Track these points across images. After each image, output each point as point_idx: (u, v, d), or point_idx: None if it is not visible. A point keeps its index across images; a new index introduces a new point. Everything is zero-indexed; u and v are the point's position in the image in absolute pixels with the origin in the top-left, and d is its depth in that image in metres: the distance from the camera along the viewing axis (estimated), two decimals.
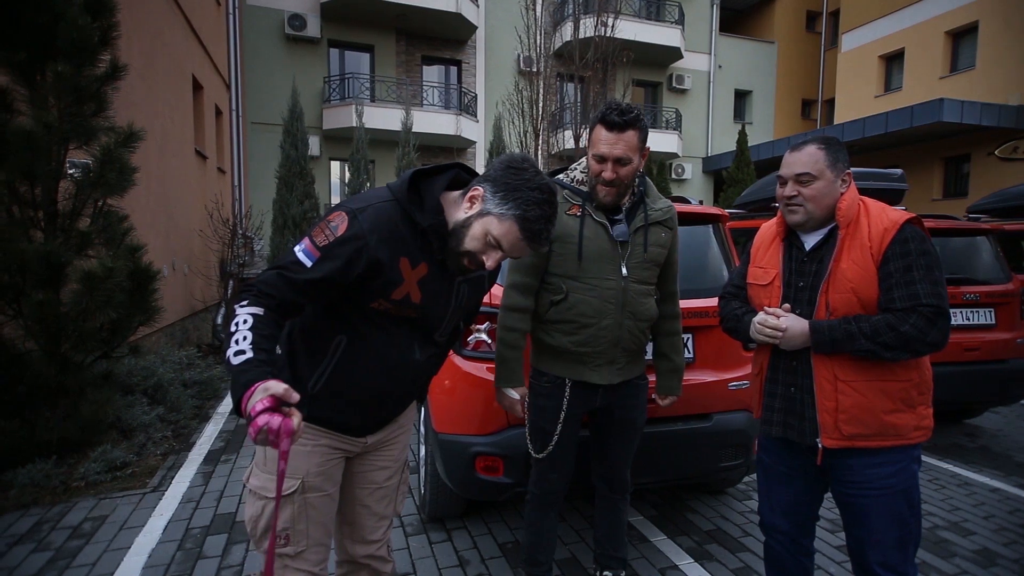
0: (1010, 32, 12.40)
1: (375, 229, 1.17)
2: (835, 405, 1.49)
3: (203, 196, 7.84)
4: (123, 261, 3.28)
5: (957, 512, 2.93)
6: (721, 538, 2.63)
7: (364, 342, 1.28)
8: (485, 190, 1.22)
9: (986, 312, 3.78)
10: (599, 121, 1.71)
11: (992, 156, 12.51)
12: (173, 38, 6.59)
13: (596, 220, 1.78)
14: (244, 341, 1.08)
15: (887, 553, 1.52)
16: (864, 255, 1.47)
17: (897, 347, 1.41)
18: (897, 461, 1.50)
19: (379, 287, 1.21)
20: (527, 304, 1.84)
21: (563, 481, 1.97)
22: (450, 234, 1.25)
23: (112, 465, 3.18)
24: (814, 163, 1.54)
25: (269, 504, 1.27)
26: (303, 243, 1.17)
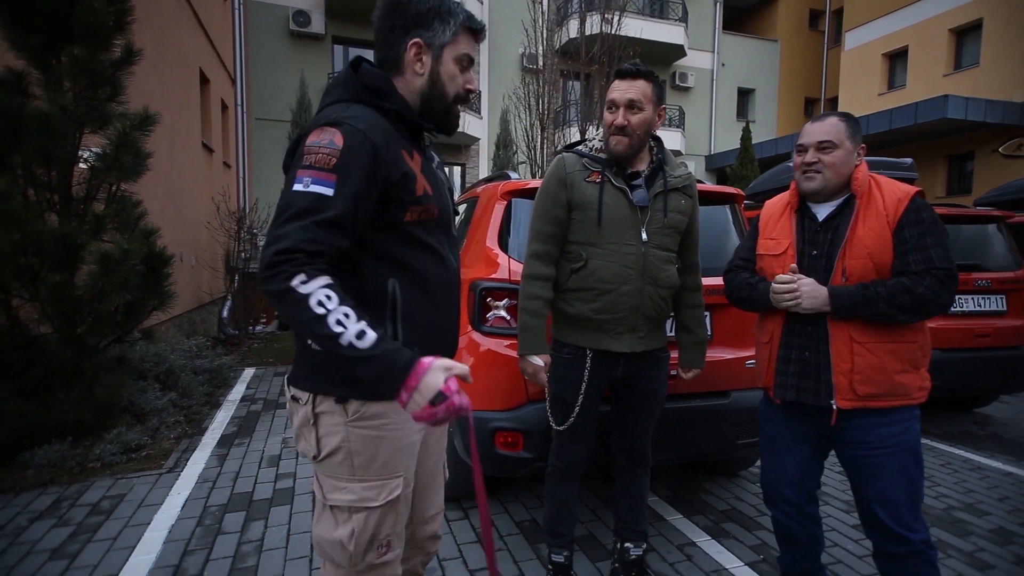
0: (1013, 30, 12.41)
1: (370, 127, 1.07)
2: (851, 367, 1.54)
3: (210, 189, 7.86)
4: (138, 244, 3.29)
5: (971, 494, 2.94)
6: (737, 517, 2.64)
7: (412, 273, 1.16)
8: (419, 38, 1.16)
9: (997, 299, 3.79)
10: (614, 76, 1.81)
11: (996, 153, 12.51)
12: (182, 31, 6.61)
13: (615, 186, 1.79)
14: (349, 319, 0.94)
15: (899, 510, 1.56)
16: (880, 222, 1.53)
17: (912, 309, 1.47)
18: (904, 420, 1.56)
19: (404, 189, 1.11)
20: (549, 272, 1.85)
21: (584, 453, 1.97)
22: (432, 100, 1.20)
23: (127, 447, 3.20)
24: (836, 132, 1.58)
25: (373, 515, 1.14)
26: (305, 177, 1.00)
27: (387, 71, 1.20)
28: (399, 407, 1.11)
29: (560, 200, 1.83)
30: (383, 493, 1.15)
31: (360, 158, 1.03)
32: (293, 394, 1.18)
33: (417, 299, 1.17)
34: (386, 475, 1.16)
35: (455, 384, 0.98)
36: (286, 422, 3.94)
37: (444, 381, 0.97)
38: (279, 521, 2.52)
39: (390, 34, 1.18)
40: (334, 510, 1.15)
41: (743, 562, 2.26)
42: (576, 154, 1.89)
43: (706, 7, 16.90)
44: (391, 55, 1.19)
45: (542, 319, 1.86)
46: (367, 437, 1.14)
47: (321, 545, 1.16)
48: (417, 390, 0.96)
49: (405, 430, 1.19)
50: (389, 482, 1.16)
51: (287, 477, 3.01)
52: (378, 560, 1.16)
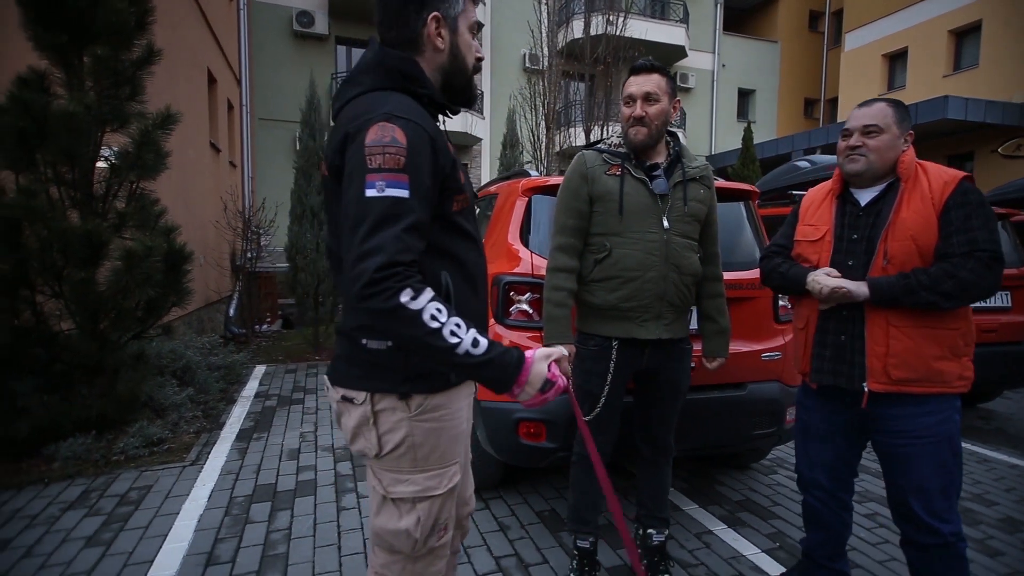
0: (1012, 31, 12.51)
1: (421, 118, 1.05)
2: (885, 350, 1.56)
3: (217, 188, 7.91)
4: (159, 241, 3.34)
5: (979, 485, 3.00)
6: (752, 507, 2.70)
7: (458, 262, 1.16)
8: (437, 11, 1.12)
9: (1003, 295, 3.85)
10: (629, 72, 1.90)
11: (995, 154, 12.60)
12: (191, 31, 6.66)
13: (635, 177, 1.86)
14: (461, 329, 0.98)
15: (932, 500, 1.58)
16: (926, 205, 1.55)
17: (956, 295, 1.47)
18: (942, 410, 1.57)
19: (453, 178, 1.10)
20: (573, 264, 1.91)
21: (608, 443, 2.03)
22: (454, 75, 1.18)
23: (149, 441, 3.25)
24: (883, 117, 1.61)
25: (436, 502, 1.16)
26: (378, 181, 0.96)
27: (404, 51, 1.13)
28: (455, 397, 1.18)
29: (582, 194, 1.89)
30: (444, 481, 1.18)
31: (424, 153, 1.01)
32: (344, 395, 1.16)
33: (463, 287, 1.18)
34: (445, 463, 1.18)
35: (556, 368, 1.06)
36: (302, 418, 3.99)
37: (548, 369, 1.04)
38: (304, 511, 2.58)
39: (403, 10, 1.12)
40: (396, 502, 1.15)
41: (760, 549, 2.32)
42: (596, 151, 1.96)
43: (707, 8, 16.98)
44: (407, 33, 1.12)
45: (567, 309, 1.91)
46: (429, 429, 1.15)
47: (382, 536, 1.17)
48: (528, 383, 1.03)
49: (459, 419, 1.22)
50: (448, 469, 1.19)
51: (308, 470, 3.06)
52: (437, 543, 1.20)
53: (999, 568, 2.21)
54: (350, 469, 3.07)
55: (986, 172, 12.75)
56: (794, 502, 2.75)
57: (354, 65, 1.21)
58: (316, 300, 6.38)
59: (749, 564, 2.21)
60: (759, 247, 2.64)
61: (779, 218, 4.83)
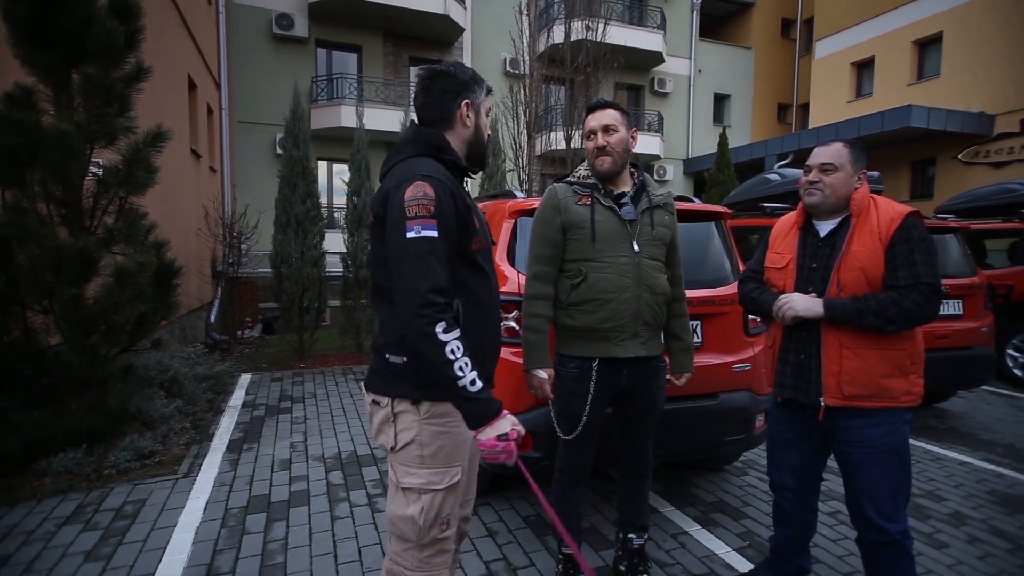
0: (972, 43, 13.08)
1: (444, 176, 1.36)
2: (839, 369, 1.75)
3: (198, 194, 7.87)
4: (150, 256, 3.39)
5: (931, 482, 3.24)
6: (724, 508, 2.88)
7: (472, 294, 1.40)
8: (468, 99, 1.47)
9: (955, 303, 4.13)
10: (585, 112, 2.10)
11: (956, 160, 13.18)
12: (172, 37, 6.63)
13: (605, 205, 2.01)
14: (467, 368, 1.24)
15: (880, 502, 1.77)
16: (874, 239, 1.73)
17: (899, 321, 1.66)
18: (890, 422, 1.76)
19: (470, 223, 1.39)
20: (549, 291, 2.05)
21: (590, 460, 2.15)
22: (476, 146, 1.52)
23: (140, 453, 3.30)
24: (839, 156, 1.80)
25: (438, 496, 1.38)
26: (415, 227, 1.26)
27: (440, 128, 1.49)
28: None
29: (554, 224, 2.03)
30: (446, 478, 1.40)
31: (447, 202, 1.32)
32: (373, 399, 1.45)
33: (475, 316, 1.42)
34: (449, 464, 1.41)
35: (514, 434, 1.29)
36: (291, 427, 4.07)
37: (510, 428, 1.29)
38: (299, 521, 2.67)
39: (443, 97, 1.47)
40: (406, 492, 1.40)
41: (731, 548, 2.49)
42: (566, 183, 2.11)
43: (683, 15, 17.32)
44: (443, 114, 1.48)
45: (544, 335, 2.05)
46: (435, 432, 1.40)
47: (394, 521, 1.41)
48: (493, 427, 1.27)
49: (464, 427, 1.40)
50: (451, 469, 1.41)
51: (300, 480, 3.15)
52: (440, 535, 1.41)
53: (945, 559, 2.42)
54: (342, 479, 3.17)
55: (947, 178, 13.31)
56: (763, 502, 2.94)
57: (398, 138, 1.56)
58: (301, 308, 6.42)
59: (721, 562, 2.38)
60: (730, 265, 2.83)
61: (750, 229, 5.05)
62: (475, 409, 1.26)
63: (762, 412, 2.71)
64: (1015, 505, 2.95)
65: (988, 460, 3.59)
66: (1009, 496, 3.06)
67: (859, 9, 15.81)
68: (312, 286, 6.34)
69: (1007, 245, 5.98)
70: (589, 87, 8.49)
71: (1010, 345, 5.49)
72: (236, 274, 7.69)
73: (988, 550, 2.50)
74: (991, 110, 12.61)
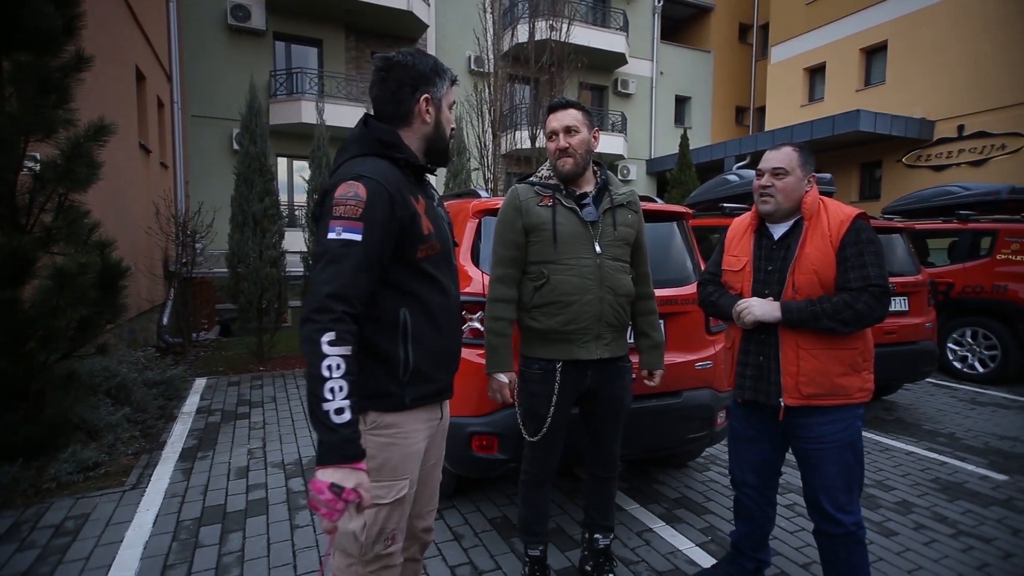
0: (914, 52, 13.77)
1: (386, 177, 1.26)
2: (797, 370, 1.79)
3: (148, 191, 7.51)
4: (92, 257, 3.20)
5: (880, 472, 3.38)
6: (687, 504, 2.93)
7: (421, 302, 1.34)
8: (427, 93, 1.37)
9: (901, 300, 4.32)
10: (547, 111, 2.06)
11: (900, 163, 13.87)
12: (118, 26, 6.30)
13: (566, 206, 2.00)
14: (340, 392, 1.12)
15: (836, 496, 1.83)
16: (824, 242, 1.78)
17: (853, 322, 1.72)
18: (845, 418, 1.82)
19: (414, 229, 1.30)
20: (511, 294, 2.03)
21: (555, 461, 2.15)
22: (436, 142, 1.42)
23: (84, 465, 3.11)
24: (789, 161, 1.84)
25: (383, 511, 1.31)
26: (337, 227, 1.19)
27: (396, 124, 1.40)
28: (410, 419, 1.36)
29: (516, 226, 2.00)
30: (392, 492, 1.34)
31: (380, 206, 1.23)
32: None
33: (425, 325, 1.36)
34: (396, 477, 1.35)
35: (352, 496, 1.12)
36: (249, 433, 3.92)
37: (353, 486, 1.12)
38: (257, 531, 2.58)
39: (399, 91, 1.37)
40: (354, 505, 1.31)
41: (694, 543, 2.54)
42: (527, 184, 2.09)
43: (645, 17, 17.61)
44: (401, 109, 1.39)
45: (507, 338, 2.03)
46: (381, 443, 1.33)
47: (338, 536, 1.33)
48: (335, 472, 1.12)
49: (413, 439, 1.38)
50: (397, 483, 1.35)
51: (259, 488, 3.04)
52: (384, 551, 1.35)
53: (893, 547, 2.53)
54: (302, 485, 3.08)
55: (893, 180, 13.98)
56: (725, 497, 3.01)
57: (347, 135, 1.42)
58: (260, 309, 6.21)
59: (685, 558, 2.42)
60: (692, 264, 2.87)
61: (711, 228, 5.17)
62: (329, 441, 1.12)
63: (723, 409, 2.77)
64: (955, 492, 3.11)
65: (931, 449, 3.78)
66: (950, 483, 3.23)
67: (811, 17, 16.44)
68: (272, 286, 6.14)
69: (947, 244, 6.31)
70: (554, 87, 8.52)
71: (950, 339, 5.79)
72: (190, 274, 7.38)
73: (933, 536, 2.63)
74: (932, 116, 13.32)
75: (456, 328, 1.49)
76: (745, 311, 1.84)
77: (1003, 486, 3.19)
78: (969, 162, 12.67)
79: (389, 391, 1.33)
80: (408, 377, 1.35)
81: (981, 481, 3.25)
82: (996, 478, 3.29)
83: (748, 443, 2.01)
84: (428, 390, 1.39)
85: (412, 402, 1.36)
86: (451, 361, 1.48)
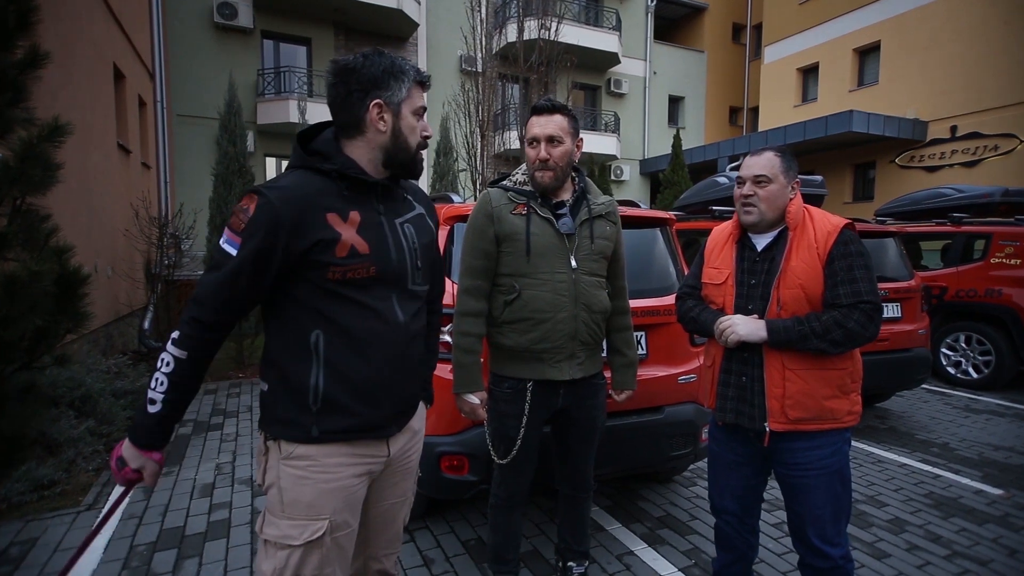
0: (907, 52, 13.72)
1: (286, 197, 1.18)
2: (782, 392, 1.66)
3: (127, 193, 7.33)
4: (49, 264, 3.04)
5: (873, 487, 3.27)
6: (671, 523, 2.81)
7: (338, 325, 1.22)
8: (379, 98, 1.25)
9: (894, 306, 4.21)
10: (531, 112, 1.89)
11: (894, 164, 13.81)
12: (92, 23, 6.12)
13: (542, 216, 1.86)
14: (160, 387, 1.17)
15: (824, 527, 1.70)
16: (811, 255, 1.65)
17: (844, 342, 1.59)
18: (833, 443, 1.69)
19: (320, 251, 1.18)
20: (481, 307, 1.89)
21: (527, 483, 2.02)
22: (396, 154, 1.30)
23: (38, 484, 2.96)
24: (771, 167, 1.70)
25: (295, 553, 1.21)
26: (225, 235, 1.20)
27: (350, 133, 1.29)
28: (326, 452, 1.25)
29: (487, 234, 1.86)
30: (305, 533, 1.21)
31: (262, 223, 1.16)
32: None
33: (344, 353, 1.23)
34: (311, 516, 1.22)
35: (131, 475, 1.21)
36: (219, 446, 3.77)
37: (135, 467, 1.20)
38: (214, 557, 2.43)
39: (348, 98, 1.25)
40: (266, 544, 1.24)
41: (677, 567, 2.41)
42: (501, 188, 1.94)
43: (638, 17, 17.51)
44: (352, 118, 1.27)
45: (476, 355, 1.89)
46: (294, 476, 1.23)
47: None
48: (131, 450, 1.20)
49: (334, 474, 1.24)
50: (312, 523, 1.22)
51: (222, 507, 2.89)
52: None
53: (886, 571, 2.41)
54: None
55: (886, 181, 13.93)
56: (710, 515, 2.87)
57: None
58: None
59: None
60: (676, 273, 2.74)
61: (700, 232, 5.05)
62: (135, 422, 1.20)
63: (707, 425, 2.64)
64: (949, 508, 3.00)
65: (925, 461, 3.67)
66: (944, 499, 3.11)
67: (804, 17, 16.37)
68: None
69: (940, 247, 6.22)
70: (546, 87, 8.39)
71: (943, 344, 5.70)
72: (172, 277, 7.21)
73: (927, 558, 2.51)
74: (925, 117, 13.27)
75: (399, 360, 1.31)
76: (729, 330, 1.70)
77: (998, 502, 3.07)
78: (962, 163, 12.63)
79: (294, 420, 1.23)
80: (319, 407, 1.22)
81: (976, 496, 3.14)
82: (991, 492, 3.18)
83: (728, 468, 1.88)
84: (345, 424, 1.25)
85: (323, 435, 1.23)
86: (385, 395, 1.29)
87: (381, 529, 1.45)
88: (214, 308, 1.17)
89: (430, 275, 1.45)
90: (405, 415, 1.40)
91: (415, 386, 1.41)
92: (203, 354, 1.20)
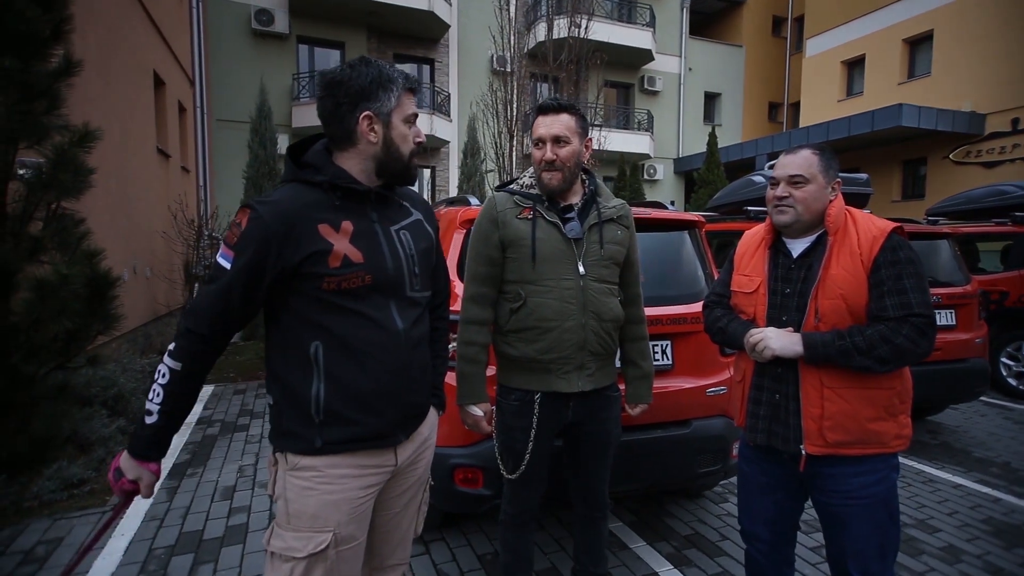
0: (962, 41, 12.93)
1: (276, 211, 1.18)
2: (820, 412, 1.50)
3: (166, 196, 7.56)
4: (79, 267, 3.11)
5: (923, 510, 3.02)
6: (699, 543, 2.65)
7: (337, 336, 1.21)
8: (368, 110, 1.24)
9: (947, 313, 3.91)
10: (536, 112, 1.80)
11: (947, 160, 13.05)
12: (132, 31, 6.32)
13: (548, 220, 1.76)
14: (157, 398, 1.18)
15: (868, 562, 1.53)
16: (854, 262, 1.48)
17: (892, 360, 1.42)
18: (879, 470, 1.52)
19: (313, 262, 1.18)
20: (486, 315, 1.80)
21: (537, 499, 1.92)
22: (388, 163, 1.29)
23: (68, 483, 3.02)
24: (808, 166, 1.55)
25: (299, 566, 1.20)
26: (221, 249, 1.21)
27: (341, 145, 1.28)
28: (331, 463, 1.24)
29: (492, 240, 1.78)
30: (309, 545, 1.21)
31: (254, 237, 1.16)
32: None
33: (343, 363, 1.23)
34: (315, 527, 1.22)
35: (127, 485, 1.22)
36: (244, 447, 3.80)
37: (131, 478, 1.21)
38: (230, 564, 2.42)
39: (337, 111, 1.24)
40: (272, 556, 1.24)
41: None
42: (507, 192, 1.85)
43: (673, 12, 17.12)
44: (342, 130, 1.26)
45: (480, 365, 1.81)
46: (299, 488, 1.23)
47: None
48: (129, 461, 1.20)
49: (339, 485, 1.24)
50: (316, 535, 1.21)
51: (241, 511, 2.89)
52: None
53: None
54: None
55: (938, 178, 13.18)
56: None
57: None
58: None
59: None
60: (704, 278, 2.59)
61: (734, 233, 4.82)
62: (133, 433, 1.21)
63: (738, 440, 2.48)
64: (1012, 537, 2.74)
65: (983, 482, 3.38)
66: (1005, 526, 2.85)
67: (849, 7, 15.66)
68: None
69: (1000, 248, 5.79)
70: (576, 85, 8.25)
71: (1004, 353, 5.29)
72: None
73: None
74: (982, 109, 12.48)
75: (401, 369, 1.28)
76: (761, 344, 1.55)
77: None
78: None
79: (298, 432, 1.23)
80: (321, 418, 1.22)
81: None
82: None
83: (760, 492, 1.72)
84: (349, 434, 1.24)
85: (326, 445, 1.23)
86: (387, 404, 1.27)
87: (385, 538, 1.44)
88: (208, 321, 1.18)
89: (431, 281, 1.43)
90: (412, 422, 1.38)
91: (421, 393, 1.38)
92: (198, 366, 1.21)
